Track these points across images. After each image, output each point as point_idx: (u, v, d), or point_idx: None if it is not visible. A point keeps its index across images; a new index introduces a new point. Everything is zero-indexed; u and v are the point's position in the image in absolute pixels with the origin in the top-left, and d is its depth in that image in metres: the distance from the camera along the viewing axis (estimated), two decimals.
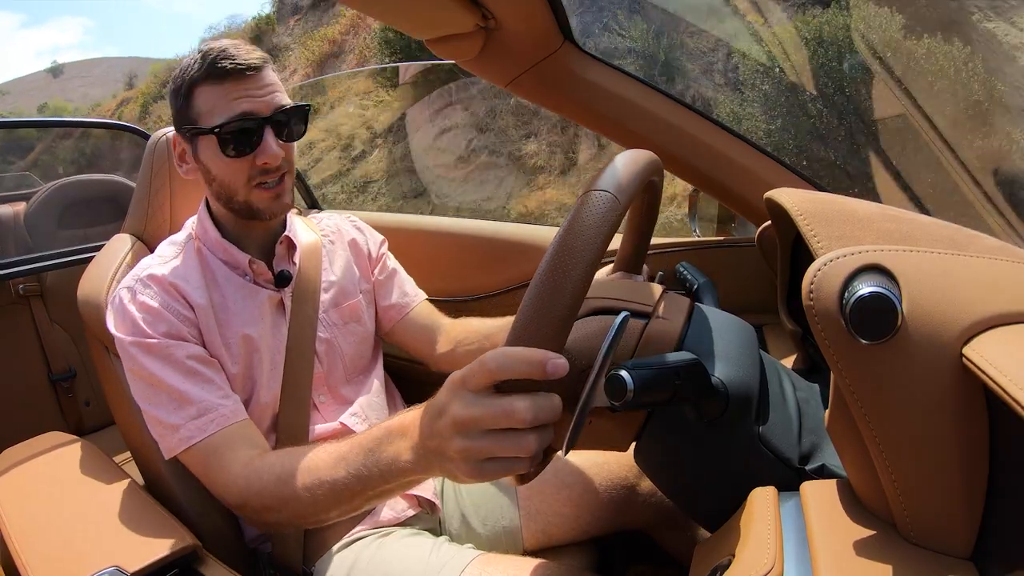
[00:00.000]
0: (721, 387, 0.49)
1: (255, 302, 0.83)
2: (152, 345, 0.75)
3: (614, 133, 0.94)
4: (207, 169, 0.80)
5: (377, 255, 1.02)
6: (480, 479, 0.47)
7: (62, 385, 1.57)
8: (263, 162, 0.77)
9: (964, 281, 0.40)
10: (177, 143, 0.82)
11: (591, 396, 0.43)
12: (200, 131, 0.77)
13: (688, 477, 0.56)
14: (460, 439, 0.45)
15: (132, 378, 0.77)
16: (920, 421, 0.38)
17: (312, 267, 0.89)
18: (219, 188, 0.80)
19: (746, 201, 0.92)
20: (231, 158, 0.76)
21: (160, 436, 0.75)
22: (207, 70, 0.75)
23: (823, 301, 0.40)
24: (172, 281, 0.79)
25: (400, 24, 0.84)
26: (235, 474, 0.70)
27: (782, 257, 0.72)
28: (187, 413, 0.73)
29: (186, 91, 0.77)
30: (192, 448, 0.73)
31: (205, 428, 0.73)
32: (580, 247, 0.44)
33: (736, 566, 0.43)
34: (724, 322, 0.57)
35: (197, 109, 0.77)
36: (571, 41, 0.85)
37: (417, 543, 0.79)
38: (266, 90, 0.77)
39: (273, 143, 0.77)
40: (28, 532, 0.71)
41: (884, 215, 0.47)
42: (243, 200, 0.80)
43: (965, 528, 0.39)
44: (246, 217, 0.82)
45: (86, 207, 1.78)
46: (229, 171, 0.78)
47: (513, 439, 0.44)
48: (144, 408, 0.76)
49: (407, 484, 0.56)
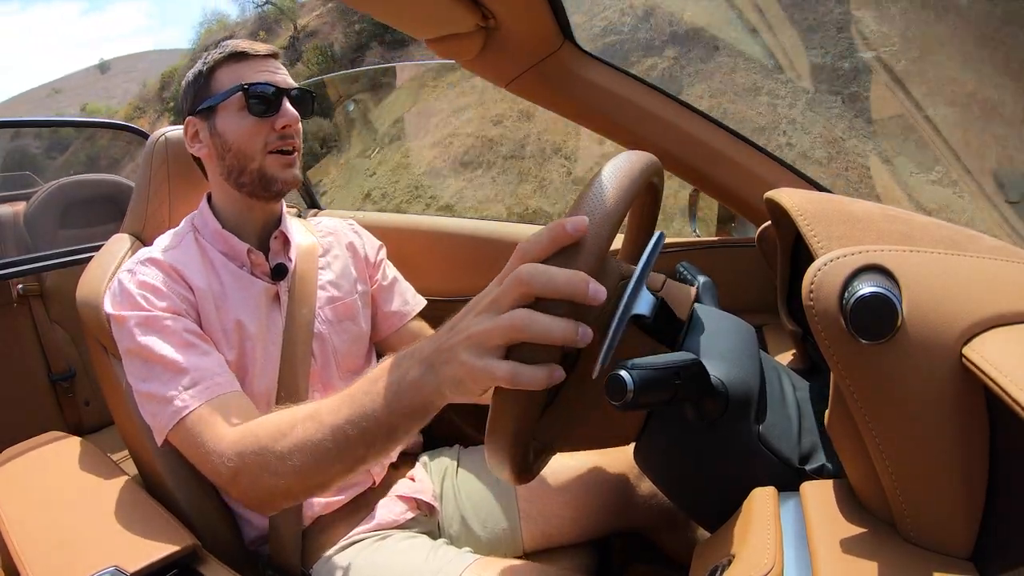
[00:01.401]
0: (721, 387, 0.49)
1: (251, 292, 0.84)
2: (150, 318, 0.74)
3: (614, 133, 0.94)
4: (223, 140, 0.82)
5: (376, 260, 1.02)
6: (489, 380, 0.43)
7: (62, 385, 1.57)
8: (283, 124, 0.82)
9: (964, 281, 0.40)
10: (190, 125, 0.85)
11: (630, 305, 0.43)
12: (224, 95, 0.81)
13: (688, 477, 0.56)
14: (474, 343, 0.43)
15: (128, 359, 0.75)
16: (920, 421, 0.38)
17: (309, 268, 0.89)
18: (233, 159, 0.82)
19: (746, 201, 0.92)
20: (255, 117, 0.81)
21: (153, 415, 0.72)
22: (228, 54, 0.82)
23: (823, 301, 0.40)
24: (173, 264, 0.80)
25: (400, 24, 0.84)
26: (229, 440, 0.66)
27: (782, 257, 0.72)
28: (181, 383, 0.71)
29: (207, 73, 0.83)
30: (185, 419, 0.70)
31: (199, 396, 0.71)
32: (612, 191, 0.45)
33: (736, 566, 0.43)
34: (724, 322, 0.57)
35: (218, 85, 0.82)
36: (571, 41, 0.85)
37: (415, 546, 0.79)
38: (281, 72, 0.85)
39: (291, 108, 0.83)
40: (28, 532, 0.71)
41: (884, 215, 0.47)
42: (257, 167, 0.82)
43: (965, 528, 0.39)
44: (257, 189, 0.83)
45: (86, 207, 1.78)
46: (248, 134, 0.81)
47: (541, 325, 0.41)
48: (137, 389, 0.74)
49: (412, 414, 0.50)
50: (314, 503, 0.81)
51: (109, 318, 0.77)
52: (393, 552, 0.78)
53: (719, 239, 1.11)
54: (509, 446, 0.46)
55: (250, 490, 0.64)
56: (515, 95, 0.93)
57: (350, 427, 0.54)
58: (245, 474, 0.63)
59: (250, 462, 0.63)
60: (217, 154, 0.83)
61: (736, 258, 1.02)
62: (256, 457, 0.62)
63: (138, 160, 1.06)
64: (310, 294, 0.88)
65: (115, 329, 0.76)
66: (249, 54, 0.82)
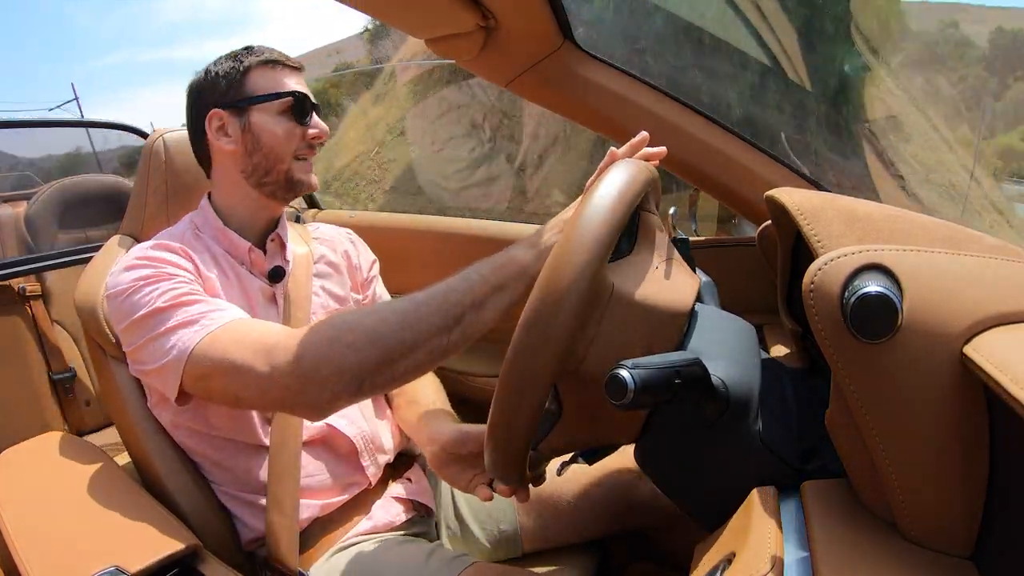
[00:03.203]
0: (722, 387, 0.49)
1: (249, 289, 0.85)
2: (158, 275, 0.72)
3: (614, 132, 0.94)
4: (256, 139, 0.83)
5: (368, 276, 1.01)
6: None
7: (62, 385, 1.57)
8: (315, 134, 0.85)
9: (965, 280, 0.40)
10: (216, 118, 0.84)
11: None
12: (263, 98, 0.83)
13: (688, 477, 0.56)
14: None
15: (133, 328, 0.70)
16: (920, 420, 0.38)
17: (304, 273, 0.90)
18: (262, 158, 0.83)
19: (746, 201, 0.92)
20: (294, 123, 0.84)
21: (175, 344, 0.67)
22: (265, 59, 0.85)
23: (824, 300, 0.40)
24: (181, 245, 0.80)
25: (400, 23, 0.84)
26: (288, 332, 0.64)
27: (782, 256, 0.72)
28: (200, 310, 0.69)
29: (242, 71, 0.84)
30: (214, 335, 0.65)
31: (225, 316, 0.68)
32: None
33: (736, 566, 0.43)
34: (724, 322, 0.57)
35: (253, 85, 0.84)
36: (571, 40, 0.85)
37: (412, 549, 0.79)
38: (305, 86, 0.88)
39: (320, 121, 0.86)
40: (28, 532, 0.71)
41: (884, 215, 0.47)
42: (286, 169, 0.84)
43: (965, 527, 0.39)
44: (279, 190, 0.85)
45: (87, 207, 1.78)
46: (284, 138, 0.83)
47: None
48: (143, 346, 0.69)
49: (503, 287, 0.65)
50: (311, 504, 0.81)
51: (110, 296, 0.73)
52: (390, 555, 0.78)
53: (719, 239, 1.11)
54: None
55: (315, 373, 0.59)
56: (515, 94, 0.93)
57: (448, 297, 0.62)
58: (311, 356, 0.59)
59: (320, 337, 0.60)
60: (245, 151, 0.84)
61: (736, 258, 1.02)
62: (329, 331, 0.61)
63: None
64: (305, 298, 0.88)
65: (114, 302, 0.72)
66: (284, 64, 0.86)
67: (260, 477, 0.80)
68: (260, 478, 0.80)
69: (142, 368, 0.72)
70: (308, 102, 0.86)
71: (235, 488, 0.82)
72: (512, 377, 0.46)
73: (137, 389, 0.83)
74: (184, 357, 0.66)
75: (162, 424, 0.82)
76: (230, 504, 0.83)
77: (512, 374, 0.46)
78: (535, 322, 0.45)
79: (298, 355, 0.59)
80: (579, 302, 0.45)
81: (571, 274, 0.45)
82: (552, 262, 0.46)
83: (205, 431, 0.80)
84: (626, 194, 0.49)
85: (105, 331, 0.83)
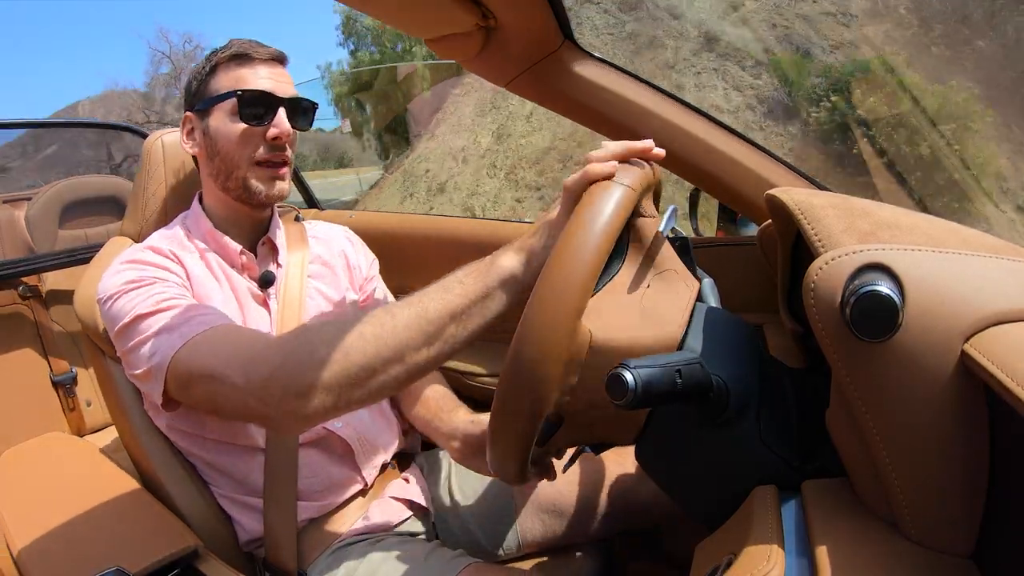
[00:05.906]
0: (722, 387, 0.49)
1: (240, 293, 0.84)
2: (144, 279, 0.72)
3: (614, 133, 0.94)
4: (213, 142, 0.80)
5: (367, 274, 1.00)
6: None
7: (63, 386, 1.57)
8: (274, 135, 0.79)
9: (965, 279, 0.40)
10: (187, 122, 0.84)
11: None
12: (220, 98, 0.79)
13: (688, 476, 0.56)
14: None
15: (121, 333, 0.70)
16: (921, 420, 0.38)
17: (298, 275, 0.89)
18: (220, 163, 0.81)
19: (747, 200, 0.92)
20: (246, 124, 0.78)
21: (156, 350, 0.66)
22: (234, 53, 0.80)
23: (824, 299, 0.40)
24: (171, 248, 0.80)
25: (399, 23, 0.84)
26: (266, 342, 0.62)
27: (782, 256, 0.72)
28: (183, 316, 0.67)
29: (209, 70, 0.81)
30: (194, 341, 0.64)
31: (206, 323, 0.66)
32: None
33: (736, 566, 0.43)
34: (725, 321, 0.57)
35: (217, 84, 0.80)
36: (571, 40, 0.85)
37: (410, 549, 0.79)
38: (284, 79, 0.82)
39: (286, 120, 0.80)
40: (29, 532, 0.72)
41: (884, 214, 0.47)
42: (242, 177, 0.80)
43: (966, 527, 0.39)
44: (240, 200, 0.83)
45: (87, 207, 1.79)
46: (237, 142, 0.79)
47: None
48: (131, 351, 0.69)
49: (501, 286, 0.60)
50: (309, 505, 0.81)
51: (101, 300, 0.73)
52: (388, 554, 0.78)
53: (719, 238, 1.10)
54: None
55: (290, 386, 0.57)
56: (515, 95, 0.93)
57: (427, 303, 0.58)
58: (286, 369, 0.57)
59: (296, 350, 0.58)
60: (207, 155, 0.83)
61: (736, 257, 1.02)
62: (305, 345, 0.57)
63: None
64: (298, 302, 0.86)
65: (106, 303, 0.72)
66: (252, 56, 0.80)
67: (256, 479, 0.80)
68: (256, 480, 0.80)
69: (131, 372, 0.72)
70: (267, 99, 0.78)
71: (232, 490, 0.82)
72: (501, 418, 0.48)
73: (136, 391, 0.83)
74: (165, 364, 0.65)
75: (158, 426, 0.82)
76: (227, 506, 0.82)
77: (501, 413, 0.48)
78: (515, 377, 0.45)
79: (273, 369, 0.58)
80: (555, 365, 0.45)
81: (544, 339, 0.44)
82: (526, 322, 0.45)
83: (200, 434, 0.80)
84: (601, 245, 0.47)
85: (102, 334, 0.83)
